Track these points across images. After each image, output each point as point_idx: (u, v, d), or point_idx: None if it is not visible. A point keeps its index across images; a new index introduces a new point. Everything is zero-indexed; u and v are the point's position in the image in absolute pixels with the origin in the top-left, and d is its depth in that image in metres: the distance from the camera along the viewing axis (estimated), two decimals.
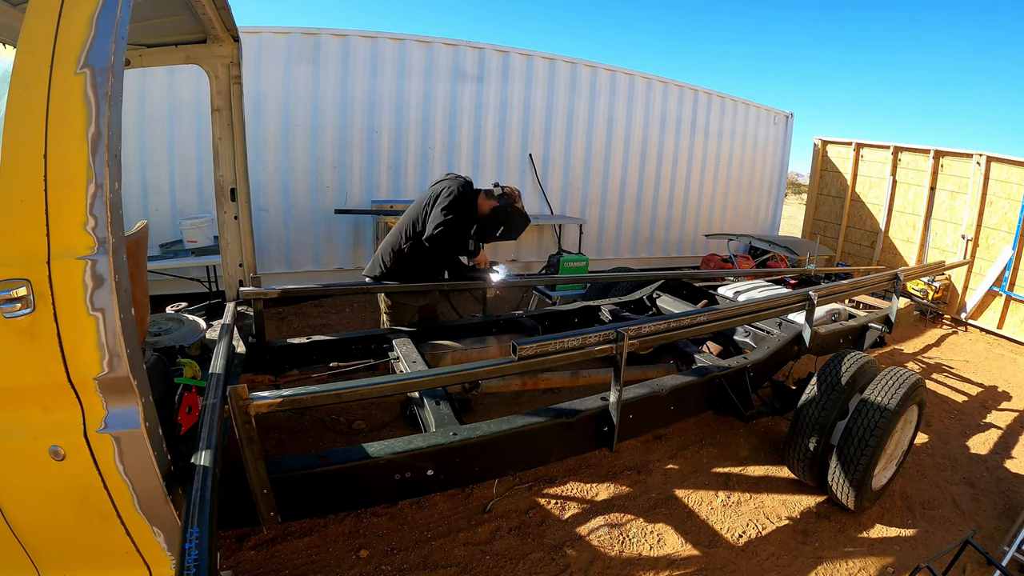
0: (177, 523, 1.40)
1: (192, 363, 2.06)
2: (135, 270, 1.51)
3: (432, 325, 3.22)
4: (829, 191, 8.30)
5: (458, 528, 2.52)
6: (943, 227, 6.83)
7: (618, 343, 2.10)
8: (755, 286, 4.11)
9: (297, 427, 3.22)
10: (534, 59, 6.44)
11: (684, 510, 2.78)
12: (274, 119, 5.38)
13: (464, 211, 2.97)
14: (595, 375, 2.96)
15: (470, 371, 2.01)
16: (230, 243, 2.97)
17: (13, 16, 1.98)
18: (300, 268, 5.75)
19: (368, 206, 5.78)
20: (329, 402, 1.77)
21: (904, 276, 3.76)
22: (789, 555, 2.52)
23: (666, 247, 8.03)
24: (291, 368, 2.78)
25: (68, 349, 1.26)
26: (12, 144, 1.20)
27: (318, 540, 2.38)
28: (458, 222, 2.91)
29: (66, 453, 1.30)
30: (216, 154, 2.83)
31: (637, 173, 7.44)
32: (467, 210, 3.01)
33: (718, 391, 2.72)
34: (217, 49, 2.70)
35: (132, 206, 4.86)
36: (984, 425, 4.03)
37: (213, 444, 1.51)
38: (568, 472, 2.98)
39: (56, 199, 1.21)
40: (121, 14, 1.26)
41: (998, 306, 6.17)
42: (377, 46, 5.63)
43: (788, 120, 8.80)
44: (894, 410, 2.54)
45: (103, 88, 1.22)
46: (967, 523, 2.87)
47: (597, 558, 2.41)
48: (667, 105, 7.43)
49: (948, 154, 6.69)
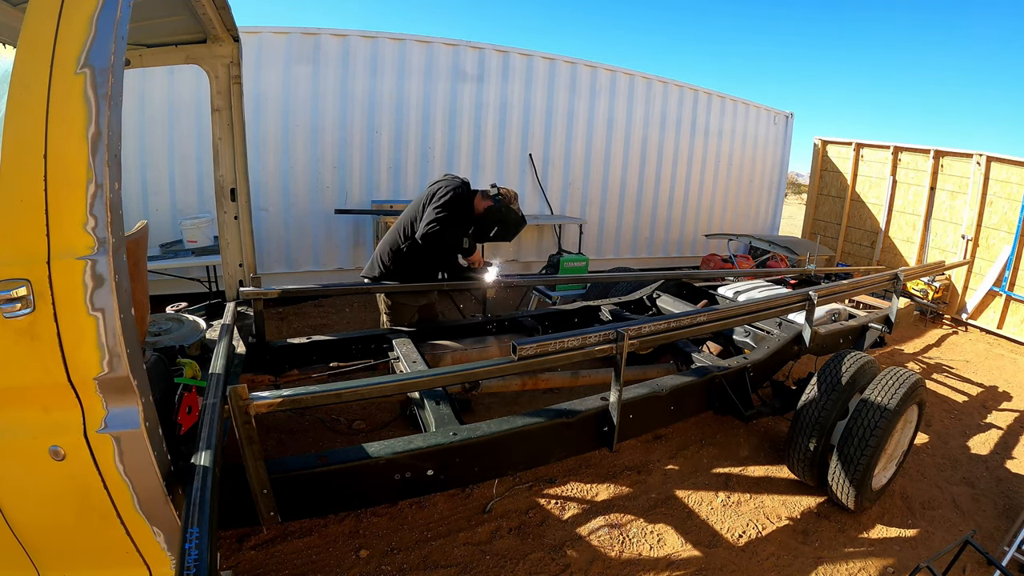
0: (177, 523, 1.40)
1: (192, 363, 2.06)
2: (135, 270, 1.51)
3: (432, 325, 3.22)
4: (829, 191, 8.30)
5: (458, 528, 2.52)
6: (943, 227, 6.83)
7: (618, 343, 2.11)
8: (755, 286, 4.11)
9: (297, 427, 3.22)
10: (534, 59, 6.44)
11: (684, 510, 2.78)
12: (274, 119, 5.38)
13: (459, 210, 2.97)
14: (595, 375, 2.96)
15: (470, 371, 2.02)
16: (230, 243, 2.97)
17: (13, 16, 1.98)
18: (300, 268, 5.75)
19: (368, 206, 5.78)
20: (329, 402, 1.78)
21: (904, 276, 3.76)
22: (789, 555, 2.52)
23: (666, 247, 8.03)
24: (291, 368, 2.78)
25: (68, 349, 1.26)
26: (12, 144, 1.20)
27: (318, 540, 2.38)
28: (453, 220, 2.91)
29: (66, 453, 1.30)
30: (216, 154, 2.83)
31: (637, 173, 7.44)
32: (463, 209, 3.01)
33: (718, 391, 2.72)
34: (217, 49, 2.70)
35: (132, 206, 4.86)
36: (984, 425, 4.03)
37: (213, 444, 1.50)
38: (568, 472, 2.98)
39: (56, 199, 1.21)
40: (121, 14, 1.26)
41: (998, 306, 6.17)
42: (377, 46, 5.63)
43: (788, 120, 8.80)
44: (894, 410, 2.54)
45: (103, 88, 1.22)
46: (967, 523, 2.87)
47: (597, 558, 2.41)
48: (667, 105, 7.43)
49: (948, 154, 6.69)
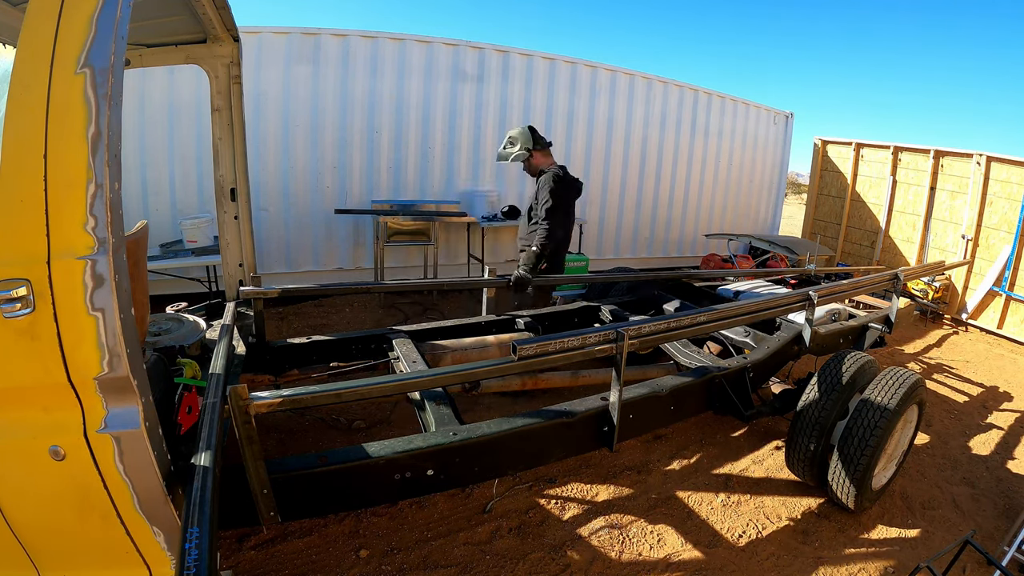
0: (177, 523, 1.40)
1: (192, 363, 2.06)
2: (135, 270, 1.51)
3: (432, 325, 3.22)
4: (829, 191, 8.30)
5: (458, 528, 2.52)
6: (943, 227, 6.83)
7: (618, 343, 2.10)
8: (755, 286, 4.12)
9: (297, 427, 3.22)
10: (534, 59, 6.43)
11: (684, 510, 2.78)
12: (274, 119, 5.38)
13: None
14: (595, 375, 2.96)
15: (470, 371, 2.01)
16: (230, 243, 2.97)
17: (13, 16, 1.98)
18: (300, 268, 5.75)
19: (368, 206, 5.78)
20: (329, 402, 1.77)
21: (904, 276, 3.76)
22: (789, 555, 2.52)
23: (666, 247, 8.03)
24: (291, 368, 2.78)
25: (68, 349, 1.26)
26: (12, 144, 1.20)
27: (318, 540, 2.38)
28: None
29: (66, 453, 1.30)
30: (216, 154, 2.83)
31: (637, 173, 7.44)
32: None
33: (718, 391, 2.72)
34: (217, 49, 2.70)
35: (132, 206, 4.86)
36: (984, 425, 4.03)
37: (213, 444, 1.50)
38: (568, 472, 2.98)
39: (56, 199, 1.21)
40: (121, 14, 1.25)
41: (998, 306, 6.16)
42: (377, 46, 5.63)
43: (788, 120, 8.80)
44: (894, 410, 2.53)
45: (103, 88, 1.22)
46: (967, 523, 2.86)
47: (597, 558, 2.41)
48: (667, 105, 7.42)
49: (948, 154, 6.69)
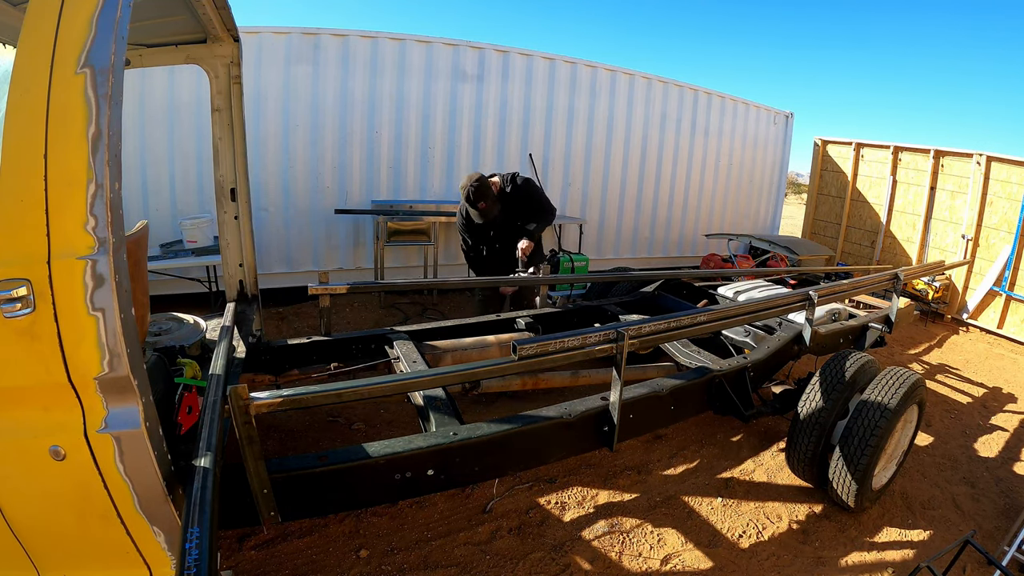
0: (177, 523, 1.40)
1: (192, 363, 2.07)
2: (135, 270, 1.51)
3: (432, 325, 3.22)
4: (829, 191, 8.29)
5: (458, 528, 2.52)
6: (943, 227, 6.82)
7: (618, 343, 2.10)
8: (755, 286, 4.11)
9: (297, 427, 3.22)
10: (534, 59, 6.43)
11: (684, 510, 2.78)
12: (274, 119, 5.37)
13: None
14: (595, 375, 2.96)
15: (470, 371, 2.01)
16: (230, 243, 2.97)
17: (13, 16, 1.98)
18: (300, 268, 5.74)
19: (368, 206, 5.78)
20: (329, 402, 1.77)
21: (904, 276, 3.76)
22: (789, 555, 2.52)
23: (666, 247, 8.02)
24: (291, 368, 2.78)
25: (68, 349, 1.26)
26: (12, 144, 1.20)
27: (318, 540, 2.38)
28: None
29: (66, 453, 1.30)
30: (216, 154, 2.83)
31: (637, 173, 7.44)
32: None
33: (718, 391, 2.72)
34: (217, 49, 2.70)
35: (132, 206, 4.86)
36: (984, 425, 4.03)
37: (213, 444, 1.50)
38: (568, 472, 2.98)
39: (56, 199, 1.21)
40: (121, 14, 1.26)
41: (998, 306, 6.16)
42: (377, 46, 5.63)
43: (788, 120, 8.80)
44: (894, 410, 2.53)
45: (103, 88, 1.22)
46: (967, 523, 2.86)
47: (597, 558, 2.41)
48: (667, 105, 7.42)
49: (948, 154, 6.69)
